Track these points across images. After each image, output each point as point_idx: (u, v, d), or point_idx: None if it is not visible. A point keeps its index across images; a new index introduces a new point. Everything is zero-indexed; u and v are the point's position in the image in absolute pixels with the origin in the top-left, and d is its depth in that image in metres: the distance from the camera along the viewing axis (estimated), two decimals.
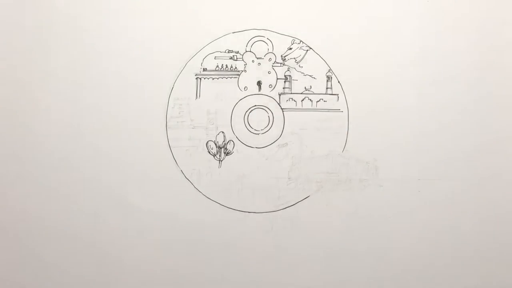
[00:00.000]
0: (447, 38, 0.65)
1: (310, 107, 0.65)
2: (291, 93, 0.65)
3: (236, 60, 0.64)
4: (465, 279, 0.65)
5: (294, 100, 0.65)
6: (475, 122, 0.66)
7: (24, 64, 0.63)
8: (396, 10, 0.65)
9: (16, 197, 0.63)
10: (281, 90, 0.65)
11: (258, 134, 0.65)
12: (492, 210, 0.66)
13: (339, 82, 0.65)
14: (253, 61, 0.64)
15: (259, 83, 0.65)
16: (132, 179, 0.63)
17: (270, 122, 0.65)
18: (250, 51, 0.64)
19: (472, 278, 0.66)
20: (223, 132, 0.64)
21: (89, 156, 0.63)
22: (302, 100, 0.65)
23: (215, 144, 0.64)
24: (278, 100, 0.65)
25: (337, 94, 0.65)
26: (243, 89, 0.65)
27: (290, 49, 0.65)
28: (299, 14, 0.64)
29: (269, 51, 0.64)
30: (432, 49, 0.65)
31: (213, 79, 0.64)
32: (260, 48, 0.64)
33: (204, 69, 0.64)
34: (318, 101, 0.65)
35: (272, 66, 0.65)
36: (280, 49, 0.65)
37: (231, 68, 0.64)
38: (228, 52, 0.64)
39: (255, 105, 0.65)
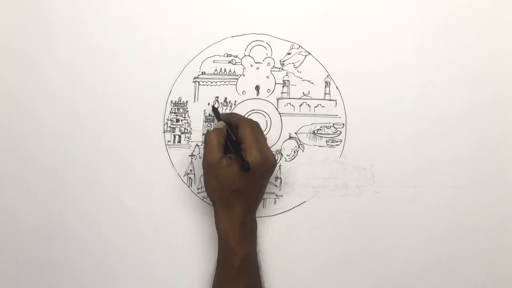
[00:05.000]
0: (447, 46, 0.65)
1: (308, 112, 0.65)
2: (289, 98, 0.65)
3: (235, 64, 0.64)
4: (462, 286, 0.66)
5: (292, 105, 0.65)
6: (474, 129, 0.66)
7: (20, 64, 0.63)
8: (396, 17, 0.65)
9: (10, 197, 0.63)
10: (279, 95, 0.65)
11: None
12: (489, 218, 0.66)
13: (337, 88, 0.65)
14: (251, 65, 0.64)
15: (257, 88, 0.65)
16: (128, 182, 0.63)
17: (268, 127, 0.65)
18: (249, 56, 0.64)
19: (469, 285, 0.66)
20: None
21: (85, 159, 0.63)
22: (300, 105, 0.65)
23: None
24: (276, 105, 0.65)
25: (335, 100, 0.65)
26: (241, 93, 0.65)
27: (289, 54, 0.65)
28: (298, 19, 0.64)
29: (268, 56, 0.65)
30: (431, 56, 0.65)
31: (211, 82, 0.64)
32: (259, 53, 0.64)
33: (203, 73, 0.64)
34: (316, 107, 0.65)
35: (271, 70, 0.65)
36: (279, 54, 0.65)
37: (230, 72, 0.64)
38: (227, 56, 0.64)
39: (253, 110, 0.65)
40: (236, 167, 0.56)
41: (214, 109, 0.63)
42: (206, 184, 0.59)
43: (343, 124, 0.65)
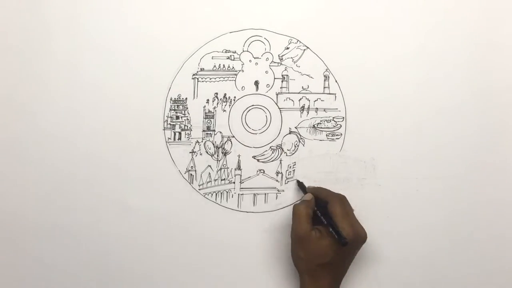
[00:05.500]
0: (446, 37, 0.65)
1: (308, 106, 0.65)
2: (289, 93, 0.65)
3: (233, 60, 0.64)
4: (464, 279, 0.66)
5: (292, 100, 0.65)
6: (474, 121, 0.66)
7: (19, 63, 0.63)
8: (394, 9, 0.65)
9: (11, 198, 0.63)
10: (278, 90, 0.65)
11: (255, 133, 0.65)
12: (491, 209, 0.66)
13: (336, 81, 0.65)
14: (250, 61, 0.64)
15: (256, 83, 0.65)
16: (129, 180, 0.63)
17: (268, 122, 0.65)
18: (247, 51, 0.64)
19: (471, 277, 0.66)
20: (220, 132, 0.64)
21: (86, 157, 0.63)
22: (300, 99, 0.65)
23: (213, 144, 0.64)
24: (275, 100, 0.65)
25: (335, 94, 0.65)
26: (240, 89, 0.65)
27: (287, 48, 0.65)
28: (296, 14, 0.64)
29: (266, 51, 0.64)
30: (430, 47, 0.65)
31: (210, 79, 0.64)
32: (257, 48, 0.64)
33: (202, 69, 0.64)
34: (315, 101, 0.65)
35: (270, 65, 0.65)
36: (277, 49, 0.65)
37: (229, 68, 0.64)
38: (226, 52, 0.64)
39: (253, 105, 0.65)
40: (326, 241, 0.56)
41: (299, 183, 0.64)
42: (294, 254, 0.59)
43: (343, 118, 0.65)
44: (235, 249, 0.64)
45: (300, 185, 0.64)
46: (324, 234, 0.57)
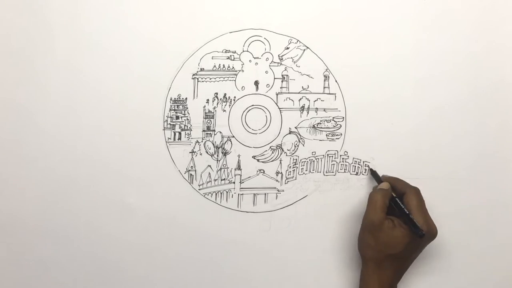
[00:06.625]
0: (446, 37, 0.66)
1: (307, 106, 0.65)
2: (288, 93, 0.65)
3: (233, 60, 0.64)
4: (464, 279, 0.66)
5: (292, 100, 0.65)
6: (474, 121, 0.66)
7: (19, 64, 0.62)
8: (394, 10, 0.65)
9: (13, 197, 0.63)
10: (278, 90, 0.65)
11: (255, 134, 0.65)
12: (491, 209, 0.66)
13: (336, 81, 0.65)
14: (250, 61, 0.64)
15: (256, 83, 0.65)
16: (129, 180, 0.63)
17: (268, 122, 0.65)
18: (247, 51, 0.64)
19: (470, 278, 0.66)
20: (220, 132, 0.64)
21: (85, 157, 0.63)
22: (300, 99, 0.65)
23: (213, 144, 0.64)
24: (275, 100, 0.65)
25: (335, 94, 0.65)
26: (240, 89, 0.65)
27: (287, 48, 0.65)
28: (296, 14, 0.64)
29: (266, 51, 0.64)
30: (430, 48, 0.65)
31: (210, 79, 0.64)
32: (257, 48, 0.64)
33: (202, 69, 0.64)
34: (315, 101, 0.65)
35: (269, 65, 0.65)
36: (277, 49, 0.64)
37: (229, 68, 0.64)
38: (225, 52, 0.64)
39: (253, 105, 0.65)
40: (398, 232, 0.57)
41: (373, 172, 0.64)
42: (363, 241, 0.59)
43: (343, 118, 0.65)
44: (234, 249, 0.64)
45: (373, 173, 0.64)
46: (397, 225, 0.57)
